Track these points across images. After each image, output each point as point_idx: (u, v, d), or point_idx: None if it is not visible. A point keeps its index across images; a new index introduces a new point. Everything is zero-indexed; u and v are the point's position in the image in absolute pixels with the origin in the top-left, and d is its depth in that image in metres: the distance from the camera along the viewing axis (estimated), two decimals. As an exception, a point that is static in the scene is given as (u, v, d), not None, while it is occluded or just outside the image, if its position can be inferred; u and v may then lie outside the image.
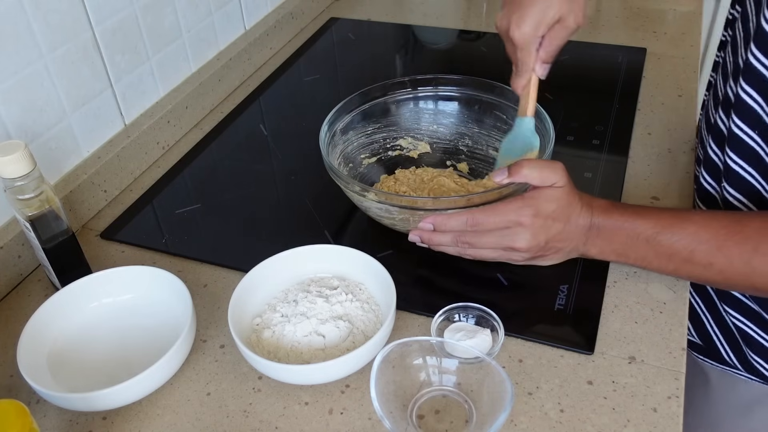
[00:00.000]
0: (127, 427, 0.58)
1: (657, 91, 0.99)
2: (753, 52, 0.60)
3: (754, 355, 0.72)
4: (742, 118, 0.63)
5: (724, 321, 0.74)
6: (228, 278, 0.72)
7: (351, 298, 0.65)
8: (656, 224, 0.61)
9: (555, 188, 0.62)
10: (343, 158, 0.80)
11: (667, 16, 1.20)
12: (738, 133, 0.64)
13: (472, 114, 0.84)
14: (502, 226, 0.63)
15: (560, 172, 0.62)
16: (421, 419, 0.57)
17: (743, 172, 0.65)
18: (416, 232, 0.67)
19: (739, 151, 0.65)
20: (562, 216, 0.62)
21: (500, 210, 0.63)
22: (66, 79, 0.77)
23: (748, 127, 0.63)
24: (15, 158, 0.60)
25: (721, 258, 0.58)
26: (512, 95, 0.78)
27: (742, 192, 0.66)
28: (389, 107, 0.84)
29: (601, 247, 0.64)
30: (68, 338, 0.64)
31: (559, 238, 0.63)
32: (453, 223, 0.65)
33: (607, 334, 0.63)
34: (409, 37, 1.21)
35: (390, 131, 0.85)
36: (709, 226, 0.59)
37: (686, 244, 0.59)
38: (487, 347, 0.61)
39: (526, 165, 0.63)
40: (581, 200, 0.63)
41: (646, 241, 0.61)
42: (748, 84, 0.61)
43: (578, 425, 0.56)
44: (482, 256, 0.66)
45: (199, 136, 0.96)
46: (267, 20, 1.13)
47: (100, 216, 0.82)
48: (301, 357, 0.61)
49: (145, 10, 0.86)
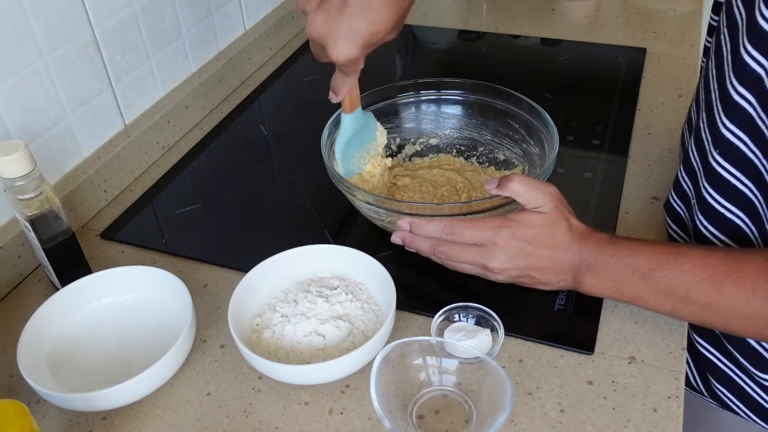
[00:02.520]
0: (127, 427, 0.58)
1: (657, 91, 0.99)
2: (747, 48, 0.58)
3: (716, 382, 0.71)
4: (732, 120, 0.61)
5: (692, 344, 0.72)
6: (228, 278, 0.72)
7: (351, 298, 0.65)
8: (651, 260, 0.58)
9: (538, 213, 0.61)
10: None
11: (667, 16, 1.20)
12: (728, 136, 0.62)
13: (477, 118, 0.83)
14: (477, 240, 0.62)
15: (549, 197, 0.61)
16: (421, 419, 0.57)
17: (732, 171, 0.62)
18: (398, 233, 0.67)
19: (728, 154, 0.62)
20: (544, 244, 0.61)
21: (479, 225, 0.62)
22: (66, 79, 0.77)
23: (739, 130, 0.61)
24: (15, 158, 0.60)
25: (719, 298, 0.55)
26: (518, 99, 0.78)
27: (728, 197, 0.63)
28: (392, 110, 0.84)
29: (593, 284, 0.61)
30: (68, 338, 0.64)
31: (541, 267, 0.61)
32: (429, 228, 0.64)
33: (607, 334, 0.63)
34: (409, 37, 1.21)
35: (393, 134, 0.85)
36: (706, 264, 0.56)
37: (682, 283, 0.56)
38: (487, 347, 0.61)
39: (516, 180, 0.61)
40: (572, 231, 0.61)
41: (640, 278, 0.58)
42: (740, 83, 0.59)
43: (578, 425, 0.56)
44: (461, 269, 0.65)
45: (199, 136, 0.96)
46: (267, 20, 1.13)
47: (100, 216, 0.82)
48: (301, 357, 0.61)
49: (145, 10, 0.86)
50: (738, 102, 0.58)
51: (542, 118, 0.75)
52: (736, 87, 0.57)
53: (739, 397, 0.70)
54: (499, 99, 0.81)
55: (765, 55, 0.54)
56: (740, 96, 0.57)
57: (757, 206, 0.60)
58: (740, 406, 0.70)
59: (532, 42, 1.15)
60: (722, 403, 0.72)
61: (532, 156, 0.78)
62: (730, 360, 0.68)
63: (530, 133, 0.78)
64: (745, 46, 0.55)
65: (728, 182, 0.61)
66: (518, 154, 0.80)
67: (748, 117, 0.57)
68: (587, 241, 0.61)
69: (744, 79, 0.57)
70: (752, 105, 0.57)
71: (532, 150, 0.78)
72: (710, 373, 0.71)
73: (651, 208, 0.78)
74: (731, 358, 0.68)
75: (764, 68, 0.55)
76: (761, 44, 0.54)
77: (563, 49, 1.12)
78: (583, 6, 1.25)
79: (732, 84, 0.58)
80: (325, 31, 0.57)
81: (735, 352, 0.67)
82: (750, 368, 0.67)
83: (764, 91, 0.55)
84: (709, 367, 0.71)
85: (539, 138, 0.76)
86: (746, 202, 0.61)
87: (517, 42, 1.15)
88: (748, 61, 0.55)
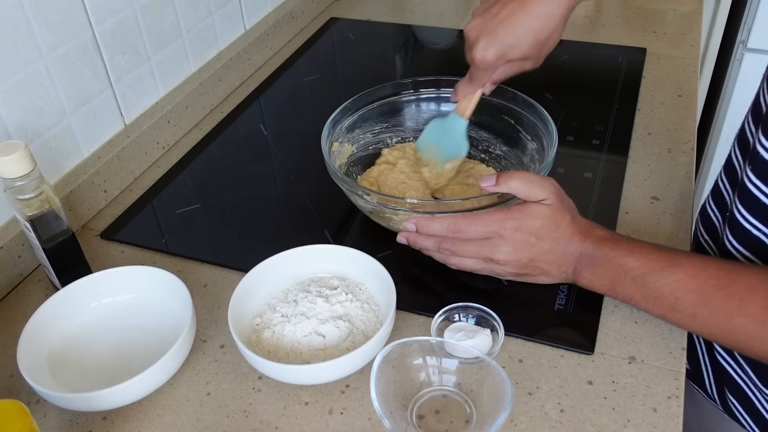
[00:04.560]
0: (127, 427, 0.58)
1: (657, 91, 0.99)
2: (750, 177, 0.59)
3: (730, 393, 0.70)
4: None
5: (712, 352, 0.71)
6: (228, 278, 0.72)
7: (351, 298, 0.65)
8: (645, 264, 0.58)
9: (542, 205, 0.61)
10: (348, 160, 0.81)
11: (667, 16, 1.20)
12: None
13: (475, 114, 0.83)
14: (483, 235, 0.63)
15: (550, 189, 0.62)
16: (421, 419, 0.57)
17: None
18: (403, 233, 0.68)
19: None
20: (547, 235, 0.61)
21: (483, 219, 0.63)
22: (66, 79, 0.77)
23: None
24: (15, 158, 0.60)
25: (705, 311, 0.55)
26: (520, 98, 0.79)
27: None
28: (392, 108, 0.84)
29: (590, 279, 0.62)
30: (68, 338, 0.64)
31: (545, 259, 0.62)
32: (435, 226, 0.65)
33: (607, 334, 0.63)
34: (409, 37, 1.21)
35: (398, 131, 0.85)
36: (698, 275, 0.56)
37: (672, 291, 0.57)
38: (487, 347, 0.61)
39: (515, 176, 0.62)
40: (574, 224, 0.62)
41: (633, 280, 0.59)
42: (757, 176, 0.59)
43: (578, 425, 0.56)
44: (465, 265, 0.66)
45: (199, 136, 0.96)
46: (267, 20, 1.13)
47: (100, 216, 0.82)
48: (301, 357, 0.61)
49: (145, 10, 0.86)
50: None
51: (539, 114, 0.75)
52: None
53: (747, 409, 0.70)
54: (497, 96, 0.81)
55: None
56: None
57: None
58: (747, 418, 0.70)
59: (532, 42, 1.15)
60: (731, 414, 0.71)
61: (531, 152, 0.78)
62: (744, 373, 0.68)
63: (528, 130, 0.79)
64: None
65: (759, 200, 0.61)
66: (516, 150, 0.80)
67: None
68: (588, 235, 0.62)
69: None
70: None
71: (529, 146, 0.78)
72: (726, 385, 0.71)
73: (651, 208, 0.78)
74: (743, 369, 0.68)
75: None
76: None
77: (563, 49, 1.12)
78: (583, 6, 1.25)
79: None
80: (478, 33, 0.67)
81: (745, 363, 0.67)
82: (757, 382, 0.66)
83: None
84: (726, 379, 0.70)
85: (537, 135, 0.77)
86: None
87: (517, 42, 1.15)
88: None
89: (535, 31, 0.65)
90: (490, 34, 0.66)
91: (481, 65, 0.68)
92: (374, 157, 0.84)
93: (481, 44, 0.66)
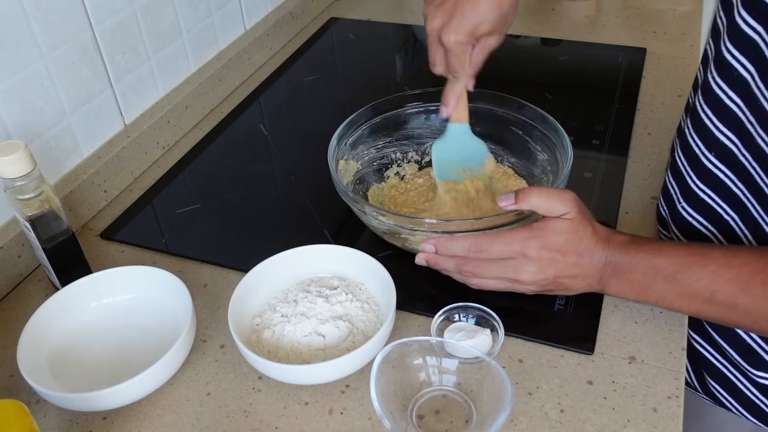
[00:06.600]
0: (127, 427, 0.58)
1: (657, 91, 0.99)
2: (728, 47, 0.58)
3: (711, 379, 0.70)
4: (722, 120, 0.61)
5: (689, 341, 0.71)
6: (228, 278, 0.72)
7: (351, 298, 0.65)
8: (676, 261, 0.57)
9: (564, 220, 0.60)
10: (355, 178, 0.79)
11: (667, 16, 1.20)
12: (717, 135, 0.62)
13: (482, 126, 0.81)
14: (506, 255, 0.61)
15: (571, 203, 0.60)
16: (421, 419, 0.57)
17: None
18: (422, 255, 0.66)
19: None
20: (572, 250, 0.60)
21: (505, 239, 0.61)
22: (66, 79, 0.77)
23: (727, 129, 0.61)
24: (15, 158, 0.60)
25: (746, 299, 0.55)
26: (529, 109, 0.77)
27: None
28: (399, 120, 0.82)
29: (619, 286, 0.61)
30: (68, 338, 0.64)
31: (571, 274, 0.61)
32: (455, 247, 0.63)
33: (607, 334, 0.63)
34: (409, 37, 1.21)
35: (402, 145, 0.84)
36: (730, 264, 0.56)
37: (707, 284, 0.56)
38: (487, 347, 0.61)
39: (535, 192, 0.61)
40: (596, 234, 0.61)
41: (665, 280, 0.58)
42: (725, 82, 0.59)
43: (578, 425, 0.56)
44: (487, 286, 0.64)
45: (199, 136, 0.96)
46: (267, 20, 1.13)
47: (100, 216, 0.82)
48: (301, 357, 0.61)
49: (145, 10, 0.86)
50: (727, 105, 0.58)
51: (557, 131, 0.74)
52: (721, 86, 0.59)
53: (732, 393, 0.70)
54: (503, 106, 0.79)
55: (746, 56, 0.55)
56: (728, 98, 0.58)
57: (740, 197, 0.61)
58: (733, 402, 0.70)
59: (532, 42, 1.15)
60: (716, 400, 0.72)
61: (542, 163, 0.77)
62: (723, 357, 0.68)
63: (538, 141, 0.77)
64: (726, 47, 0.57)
65: (716, 176, 0.62)
66: (527, 162, 0.79)
67: (737, 120, 0.58)
68: (611, 242, 0.61)
69: (728, 79, 0.58)
70: (741, 108, 0.57)
71: (540, 157, 0.77)
72: (705, 370, 0.71)
73: (651, 208, 0.78)
74: (725, 355, 0.68)
75: (748, 71, 0.56)
76: (741, 44, 0.56)
77: (563, 49, 1.12)
78: (583, 6, 1.25)
79: (717, 84, 0.59)
80: (442, 21, 0.66)
81: (728, 348, 0.67)
82: (742, 364, 0.67)
83: (752, 94, 0.56)
84: (704, 364, 0.70)
85: (547, 145, 0.75)
86: (728, 192, 0.62)
87: (517, 42, 1.15)
88: (731, 62, 0.56)
89: (498, 3, 0.65)
90: (456, 16, 0.65)
91: (456, 48, 0.66)
92: (380, 172, 0.82)
93: (451, 26, 0.65)
